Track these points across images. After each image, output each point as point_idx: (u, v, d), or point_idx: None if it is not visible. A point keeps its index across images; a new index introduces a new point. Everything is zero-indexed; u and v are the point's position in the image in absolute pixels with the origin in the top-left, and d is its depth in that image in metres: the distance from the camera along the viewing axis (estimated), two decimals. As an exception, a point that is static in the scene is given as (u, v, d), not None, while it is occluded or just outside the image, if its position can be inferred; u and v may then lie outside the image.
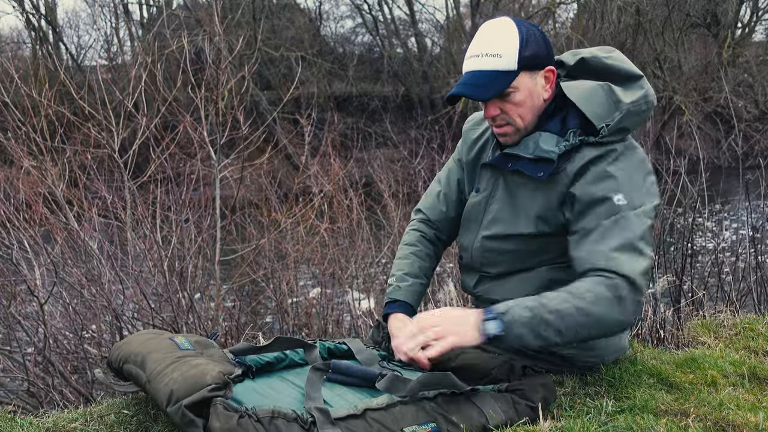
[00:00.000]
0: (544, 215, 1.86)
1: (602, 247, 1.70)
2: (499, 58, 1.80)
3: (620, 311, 1.66)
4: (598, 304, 1.65)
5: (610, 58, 1.90)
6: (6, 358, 3.63)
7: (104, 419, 1.73)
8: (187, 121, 5.18)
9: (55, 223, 4.38)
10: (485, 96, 1.83)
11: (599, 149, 1.79)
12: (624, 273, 1.66)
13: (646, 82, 1.87)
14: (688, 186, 4.29)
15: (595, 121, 1.79)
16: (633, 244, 1.69)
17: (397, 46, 22.04)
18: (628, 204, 1.73)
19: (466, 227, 2.07)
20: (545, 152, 1.82)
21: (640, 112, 1.83)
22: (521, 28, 1.82)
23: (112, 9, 20.33)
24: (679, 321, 3.08)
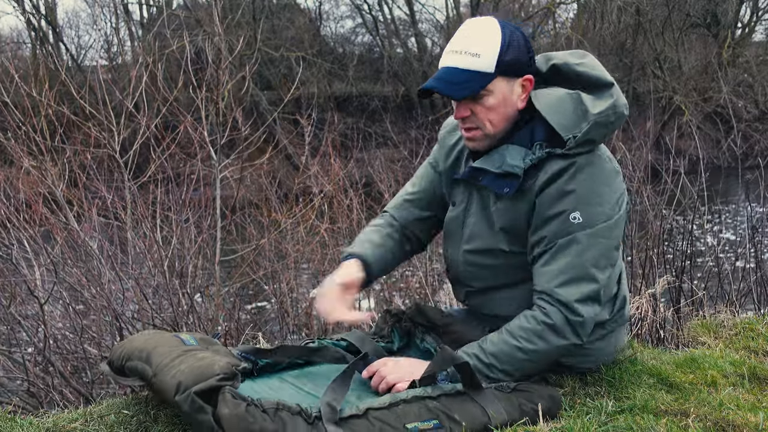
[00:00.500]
0: (516, 232, 1.82)
1: (549, 268, 1.72)
2: (477, 57, 1.74)
3: (558, 338, 1.71)
4: (531, 341, 1.72)
5: (582, 64, 1.83)
6: (6, 358, 3.63)
7: (104, 419, 1.73)
8: (188, 121, 5.18)
9: (55, 223, 4.38)
10: (457, 95, 1.78)
11: (564, 161, 1.73)
12: (561, 299, 1.70)
13: (617, 91, 1.80)
14: (687, 186, 4.29)
15: (561, 133, 1.73)
16: (581, 269, 1.70)
17: (397, 46, 22.03)
18: (583, 222, 1.70)
19: (449, 241, 2.01)
20: (511, 167, 1.76)
21: (607, 123, 1.76)
22: (505, 31, 1.76)
23: (112, 9, 20.32)
24: (679, 321, 3.09)
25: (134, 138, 4.98)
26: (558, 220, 1.72)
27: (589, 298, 1.71)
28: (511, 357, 1.72)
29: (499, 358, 1.72)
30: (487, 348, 1.74)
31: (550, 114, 1.77)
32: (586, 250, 1.70)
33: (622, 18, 19.92)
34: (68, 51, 19.53)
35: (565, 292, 1.69)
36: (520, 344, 1.72)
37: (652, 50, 19.89)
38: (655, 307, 3.03)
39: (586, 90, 1.80)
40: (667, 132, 15.31)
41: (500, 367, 1.72)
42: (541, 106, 1.79)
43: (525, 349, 1.72)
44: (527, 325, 1.72)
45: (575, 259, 1.70)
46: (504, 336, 1.74)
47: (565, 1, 21.58)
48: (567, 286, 1.70)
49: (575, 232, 1.71)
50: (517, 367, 1.73)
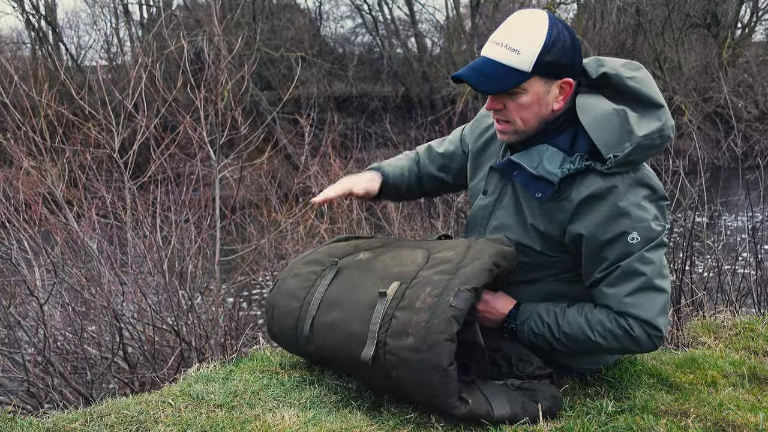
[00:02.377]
0: (549, 236, 1.80)
1: (619, 291, 1.73)
2: (516, 53, 1.69)
3: (632, 345, 1.75)
4: (607, 340, 1.75)
5: (634, 79, 1.77)
6: (6, 358, 3.63)
7: (104, 419, 1.73)
8: (187, 121, 5.17)
9: (55, 224, 4.38)
10: (488, 89, 1.75)
11: (606, 180, 1.70)
12: (642, 317, 1.71)
13: (666, 113, 1.74)
14: (687, 186, 4.29)
15: (603, 150, 1.69)
16: (650, 284, 1.71)
17: (397, 47, 22.01)
18: (641, 241, 1.69)
19: (472, 229, 2.00)
20: (547, 173, 1.73)
21: (652, 146, 1.72)
22: (552, 29, 1.69)
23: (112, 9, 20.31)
24: (679, 321, 3.09)
25: (134, 138, 4.98)
26: (618, 243, 1.70)
27: (663, 310, 1.74)
28: (580, 344, 1.78)
29: (569, 339, 1.78)
30: (562, 325, 1.78)
31: (593, 129, 1.72)
32: (652, 266, 1.71)
33: (622, 18, 19.90)
34: (68, 51, 19.53)
35: (642, 311, 1.71)
36: (594, 338, 1.75)
37: (652, 50, 19.88)
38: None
39: (633, 106, 1.75)
40: (667, 132, 15.28)
41: (566, 345, 1.79)
42: (586, 120, 1.74)
43: (597, 343, 1.75)
44: (608, 326, 1.74)
45: (642, 277, 1.71)
46: (582, 322, 1.77)
47: (565, 1, 21.58)
48: (643, 305, 1.71)
49: (636, 252, 1.70)
50: (575, 350, 1.81)
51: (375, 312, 1.67)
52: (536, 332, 1.80)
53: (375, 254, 1.92)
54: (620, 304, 1.72)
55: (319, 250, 2.03)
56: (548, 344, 1.80)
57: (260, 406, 1.80)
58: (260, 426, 1.69)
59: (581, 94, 1.79)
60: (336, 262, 1.89)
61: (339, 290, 1.82)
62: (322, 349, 1.82)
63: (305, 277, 1.91)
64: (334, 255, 1.95)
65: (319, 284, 1.86)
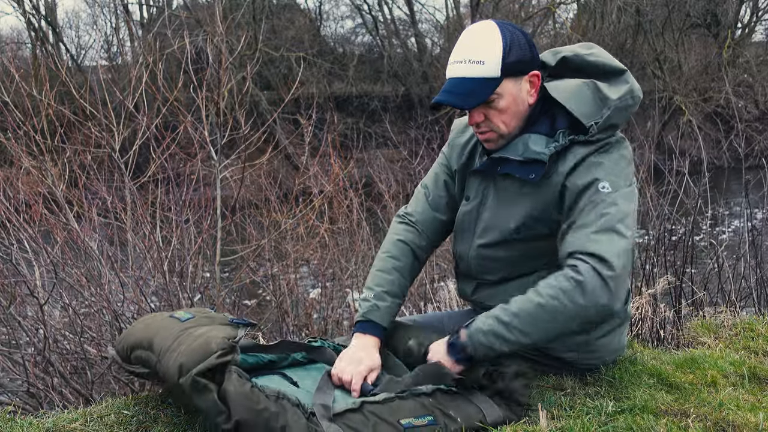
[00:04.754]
0: (538, 216, 1.84)
1: (582, 232, 1.70)
2: (482, 65, 1.77)
3: (583, 297, 1.62)
4: (557, 297, 1.64)
5: (592, 54, 1.88)
6: (6, 358, 3.62)
7: (104, 419, 1.73)
8: (188, 121, 5.17)
9: (55, 223, 4.38)
10: (469, 105, 1.81)
11: (590, 147, 1.79)
12: (598, 253, 1.65)
13: (630, 76, 1.87)
14: (691, 186, 4.29)
15: (583, 120, 1.79)
16: (612, 226, 1.69)
17: (397, 46, 22.02)
18: (612, 191, 1.73)
19: (460, 236, 2.03)
20: (536, 154, 1.80)
21: (627, 107, 1.83)
22: (505, 33, 1.79)
23: (112, 9, 20.33)
24: (679, 321, 3.09)
25: (134, 138, 4.97)
26: (589, 190, 1.74)
27: (621, 253, 1.66)
28: (533, 316, 1.65)
29: (520, 316, 1.66)
30: (509, 307, 1.70)
31: (570, 103, 1.81)
32: (616, 210, 1.71)
33: (622, 18, 19.91)
34: (68, 51, 19.54)
35: (596, 246, 1.66)
36: (543, 301, 1.65)
37: (652, 50, 19.88)
38: (655, 307, 3.03)
39: (599, 77, 1.85)
40: (668, 132, 15.31)
41: (519, 326, 1.66)
42: (560, 96, 1.83)
43: (548, 307, 1.64)
44: (554, 282, 1.67)
45: (603, 217, 1.70)
46: (529, 294, 1.69)
47: (565, 1, 21.58)
48: (598, 242, 1.67)
49: (605, 197, 1.72)
50: (536, 328, 1.66)
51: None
52: (485, 330, 1.68)
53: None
54: (579, 245, 1.68)
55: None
56: (503, 339, 1.67)
57: (260, 406, 1.79)
58: (260, 426, 1.68)
59: (547, 82, 1.89)
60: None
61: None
62: None
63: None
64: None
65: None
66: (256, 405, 1.43)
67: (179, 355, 1.51)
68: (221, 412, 1.43)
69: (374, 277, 2.01)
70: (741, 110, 17.92)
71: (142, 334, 1.71)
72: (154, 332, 1.68)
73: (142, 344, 1.67)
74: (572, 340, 1.93)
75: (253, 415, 1.42)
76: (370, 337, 1.89)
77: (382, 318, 1.93)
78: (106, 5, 20.25)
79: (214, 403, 1.43)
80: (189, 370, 1.46)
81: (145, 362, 1.65)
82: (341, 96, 20.42)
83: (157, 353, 1.60)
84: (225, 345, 1.53)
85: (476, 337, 1.69)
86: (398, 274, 2.01)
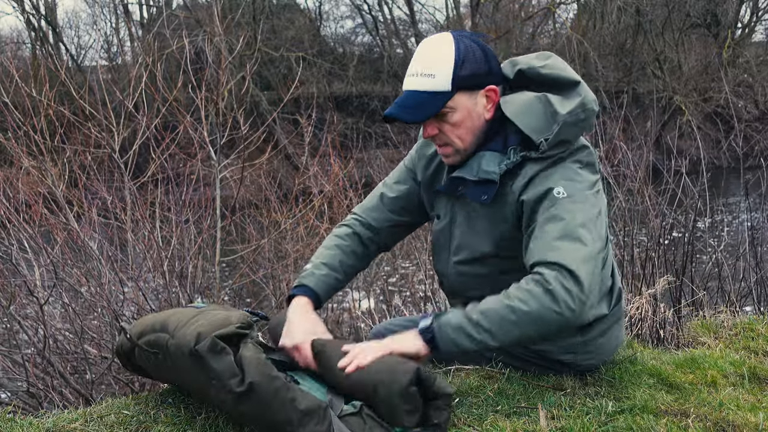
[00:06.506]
0: (503, 235, 1.82)
1: (542, 240, 1.67)
2: (432, 78, 1.75)
3: (554, 303, 1.58)
4: (526, 301, 1.60)
5: (546, 66, 1.83)
6: (6, 358, 3.62)
7: (104, 419, 1.73)
8: (187, 121, 5.17)
9: (55, 224, 4.38)
10: (417, 118, 1.79)
11: (542, 163, 1.75)
12: (559, 261, 1.61)
13: (584, 88, 1.80)
14: (689, 186, 4.29)
15: (533, 136, 1.74)
16: (571, 233, 1.65)
17: (397, 46, 22.03)
18: (567, 195, 1.70)
19: (438, 255, 2.03)
20: (487, 173, 1.78)
21: (578, 122, 1.76)
22: (459, 45, 1.76)
23: (112, 9, 20.34)
24: (679, 321, 3.09)
25: (134, 138, 4.97)
26: (546, 199, 1.71)
27: (584, 260, 1.62)
28: (501, 317, 1.61)
29: (488, 316, 1.62)
30: (479, 305, 1.66)
31: (519, 119, 1.77)
32: (575, 216, 1.67)
33: (622, 18, 19.91)
34: (68, 51, 19.54)
35: (557, 254, 1.62)
36: (512, 304, 1.61)
37: (652, 50, 19.88)
38: (655, 307, 3.03)
39: (553, 91, 1.80)
40: (668, 132, 15.31)
41: (486, 326, 1.61)
42: (509, 111, 1.79)
43: (517, 309, 1.60)
44: (524, 286, 1.63)
45: (562, 224, 1.66)
46: (500, 296, 1.66)
47: (565, 1, 21.59)
48: (559, 250, 1.63)
49: (560, 203, 1.69)
50: (503, 330, 1.61)
51: None
52: (454, 325, 1.64)
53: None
54: (541, 255, 1.65)
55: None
56: (470, 337, 1.63)
57: (260, 406, 1.79)
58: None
59: (502, 97, 1.84)
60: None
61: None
62: None
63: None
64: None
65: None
66: (270, 372, 1.48)
67: (198, 326, 1.56)
68: (235, 374, 1.47)
69: (316, 253, 2.06)
70: (741, 110, 17.93)
71: (154, 320, 1.74)
72: (168, 316, 1.72)
73: (154, 328, 1.69)
74: (569, 342, 1.93)
75: (266, 380, 1.46)
76: (302, 298, 1.90)
77: (317, 284, 1.94)
78: (106, 5, 20.27)
79: (230, 365, 1.47)
80: (207, 335, 1.50)
81: (155, 344, 1.66)
82: (341, 96, 20.42)
83: (171, 331, 1.62)
84: (244, 320, 1.60)
85: (444, 329, 1.65)
86: (339, 251, 2.03)
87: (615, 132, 6.25)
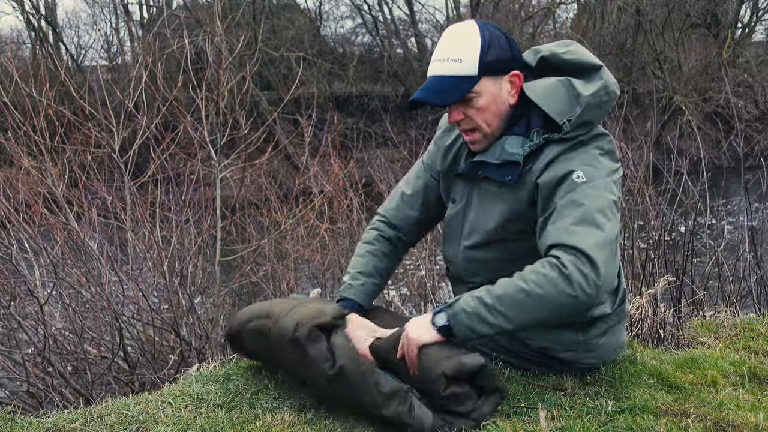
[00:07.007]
0: (515, 216, 1.84)
1: (560, 224, 1.69)
2: (459, 63, 1.78)
3: (569, 287, 1.60)
4: (541, 285, 1.62)
5: (568, 52, 1.87)
6: (6, 358, 3.62)
7: (104, 419, 1.73)
8: (188, 121, 5.17)
9: (55, 223, 4.38)
10: (444, 102, 1.82)
11: (564, 144, 1.78)
12: (577, 246, 1.62)
13: (606, 72, 1.85)
14: (689, 186, 4.29)
15: (556, 118, 1.78)
16: (589, 217, 1.67)
17: (397, 46, 22.01)
18: (586, 179, 1.71)
19: (448, 239, 2.05)
20: (510, 155, 1.81)
21: (600, 104, 1.81)
22: (484, 32, 1.80)
23: (112, 9, 20.33)
24: (679, 321, 3.09)
25: (134, 138, 4.97)
26: (564, 183, 1.73)
27: (600, 245, 1.63)
28: (516, 301, 1.63)
29: (503, 300, 1.64)
30: (493, 289, 1.68)
31: (543, 101, 1.80)
32: (593, 201, 1.69)
33: (622, 18, 19.90)
34: (68, 51, 19.53)
35: (575, 239, 1.64)
36: (527, 287, 1.63)
37: (652, 50, 19.87)
38: (655, 307, 3.03)
39: (576, 75, 1.84)
40: (668, 132, 15.31)
41: (501, 309, 1.63)
42: (534, 95, 1.82)
43: (532, 293, 1.62)
44: (540, 269, 1.64)
45: (581, 209, 1.68)
46: (514, 279, 1.68)
47: (565, 1, 21.58)
48: (577, 234, 1.65)
49: (579, 187, 1.71)
50: (518, 313, 1.63)
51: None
52: (469, 311, 1.66)
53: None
54: (558, 237, 1.66)
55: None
56: (485, 322, 1.65)
57: (260, 406, 1.80)
58: (260, 426, 1.69)
59: (525, 83, 1.87)
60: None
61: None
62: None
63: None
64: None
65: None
66: (357, 358, 1.66)
67: (297, 315, 1.75)
68: (328, 359, 1.65)
69: (350, 263, 2.14)
70: (741, 110, 17.92)
71: (259, 308, 1.94)
72: (272, 305, 1.91)
73: (260, 314, 1.89)
74: (570, 340, 1.93)
75: (354, 364, 1.64)
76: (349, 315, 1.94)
77: (356, 294, 2.03)
78: (106, 5, 20.26)
79: (324, 351, 1.66)
80: (306, 324, 1.70)
81: (260, 330, 1.85)
82: (341, 96, 20.41)
83: (274, 318, 1.82)
84: (337, 312, 1.79)
85: (459, 316, 1.67)
86: (370, 255, 2.11)
87: (615, 132, 6.24)
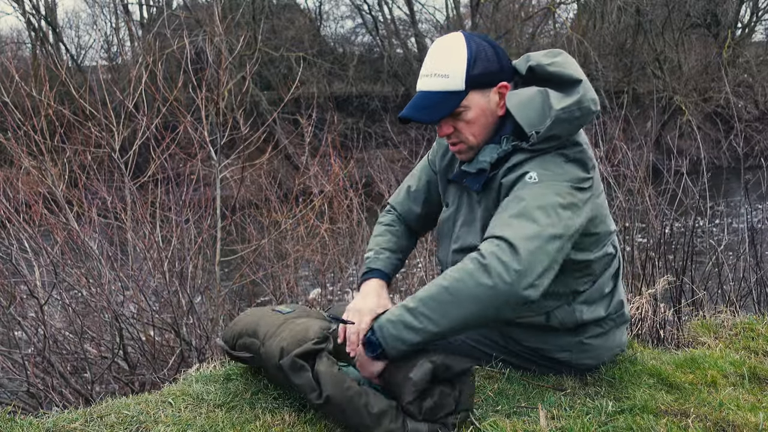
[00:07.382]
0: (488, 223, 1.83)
1: (498, 217, 1.69)
2: (446, 78, 1.78)
3: (486, 277, 1.55)
4: (460, 279, 1.58)
5: (553, 64, 1.84)
6: (6, 358, 3.62)
7: (104, 419, 1.73)
8: (188, 121, 5.17)
9: (55, 223, 4.38)
10: (432, 118, 1.82)
11: (528, 154, 1.76)
12: (502, 235, 1.60)
13: (586, 86, 1.79)
14: (689, 186, 4.29)
15: (526, 128, 1.76)
16: (526, 212, 1.64)
17: (397, 46, 22.02)
18: (538, 182, 1.70)
19: (441, 242, 2.07)
20: (479, 163, 1.83)
21: (572, 119, 1.74)
22: (471, 45, 1.79)
23: (112, 9, 20.34)
24: (679, 321, 3.08)
25: (134, 138, 4.97)
26: (517, 183, 1.73)
27: (530, 238, 1.58)
28: (438, 301, 1.58)
29: (426, 301, 1.59)
30: (417, 293, 1.64)
31: (517, 111, 1.79)
32: (533, 198, 1.66)
33: (622, 18, 19.91)
34: (68, 51, 19.54)
35: (505, 230, 1.61)
36: (447, 284, 1.58)
37: (652, 50, 19.88)
38: (655, 307, 3.03)
39: (557, 88, 1.81)
40: (667, 132, 15.31)
41: (425, 312, 1.58)
42: (510, 104, 1.82)
43: (451, 288, 1.57)
44: (460, 265, 1.61)
45: (521, 204, 1.66)
46: (436, 279, 1.64)
47: (565, 1, 21.59)
48: (509, 226, 1.62)
49: (528, 187, 1.70)
50: (443, 314, 1.57)
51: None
52: (393, 319, 1.62)
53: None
54: (491, 230, 1.64)
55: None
56: (411, 328, 1.59)
57: (260, 406, 1.80)
58: (260, 426, 1.69)
59: (509, 92, 1.86)
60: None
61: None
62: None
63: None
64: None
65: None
66: (343, 383, 1.63)
67: (281, 340, 1.75)
68: (314, 389, 1.65)
69: (372, 242, 2.14)
70: (741, 110, 17.92)
71: (248, 323, 1.93)
72: (258, 320, 1.92)
73: (248, 332, 1.90)
74: (564, 340, 1.94)
75: (340, 392, 1.62)
76: (374, 280, 1.97)
77: (384, 265, 2.03)
78: (106, 5, 20.27)
79: (309, 381, 1.65)
80: (289, 352, 1.69)
81: (249, 347, 1.86)
82: (341, 96, 20.41)
83: (261, 339, 1.82)
84: (320, 334, 1.76)
85: (385, 328, 1.63)
86: (390, 234, 2.14)
87: (615, 132, 6.25)
